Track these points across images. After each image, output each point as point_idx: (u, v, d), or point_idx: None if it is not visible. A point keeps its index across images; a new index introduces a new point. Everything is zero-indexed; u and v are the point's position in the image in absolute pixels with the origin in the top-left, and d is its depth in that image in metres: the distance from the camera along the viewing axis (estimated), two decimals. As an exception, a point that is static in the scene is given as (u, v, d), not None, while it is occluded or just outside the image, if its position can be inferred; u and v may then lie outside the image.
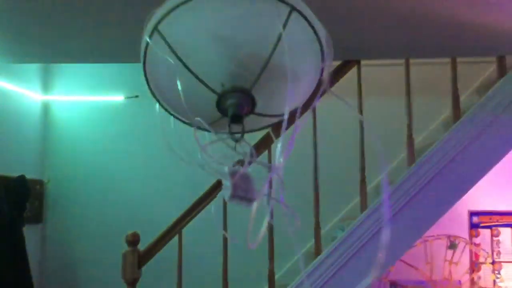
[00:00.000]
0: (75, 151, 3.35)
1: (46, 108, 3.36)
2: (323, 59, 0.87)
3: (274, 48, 0.78)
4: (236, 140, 0.86)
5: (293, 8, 0.79)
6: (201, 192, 2.58)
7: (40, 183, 3.26)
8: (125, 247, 2.51)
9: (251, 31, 0.79)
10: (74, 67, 3.32)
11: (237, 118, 0.85)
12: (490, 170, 2.48)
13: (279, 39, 0.79)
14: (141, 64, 0.91)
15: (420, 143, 2.87)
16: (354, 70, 2.57)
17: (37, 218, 3.22)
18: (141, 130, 3.35)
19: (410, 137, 2.53)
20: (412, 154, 2.51)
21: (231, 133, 0.86)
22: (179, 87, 0.82)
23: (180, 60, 0.83)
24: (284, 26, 0.78)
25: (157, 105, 0.96)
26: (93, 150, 3.35)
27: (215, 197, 2.56)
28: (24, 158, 3.13)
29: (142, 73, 0.93)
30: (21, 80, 3.14)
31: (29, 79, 3.24)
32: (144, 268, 2.50)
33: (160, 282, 2.81)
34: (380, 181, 3.01)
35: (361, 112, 2.54)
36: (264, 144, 2.39)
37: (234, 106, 0.85)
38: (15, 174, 2.81)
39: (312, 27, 0.83)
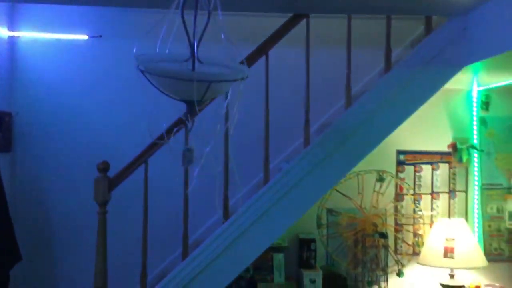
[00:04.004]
0: (42, 85, 3.53)
1: (12, 44, 3.49)
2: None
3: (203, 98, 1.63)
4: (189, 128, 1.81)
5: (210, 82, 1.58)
6: (161, 128, 2.88)
7: (8, 115, 3.45)
8: (91, 175, 2.82)
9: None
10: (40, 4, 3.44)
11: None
12: (412, 114, 2.93)
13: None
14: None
15: (359, 91, 3.27)
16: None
17: (6, 147, 3.45)
18: (105, 67, 3.58)
19: (348, 86, 2.92)
20: (349, 100, 2.92)
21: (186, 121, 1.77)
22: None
23: (155, 87, 1.66)
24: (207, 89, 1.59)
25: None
26: (60, 85, 3.54)
27: (175, 133, 2.90)
28: (-7, 92, 3.31)
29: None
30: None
31: (-6, 15, 3.36)
32: (114, 193, 2.84)
33: (128, 205, 3.15)
34: (323, 121, 3.42)
35: (308, 62, 2.89)
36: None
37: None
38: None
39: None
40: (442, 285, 3.54)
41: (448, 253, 3.46)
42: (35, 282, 3.50)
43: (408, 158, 3.84)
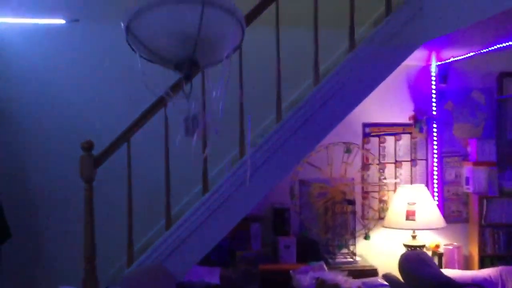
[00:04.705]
0: (22, 70, 3.62)
1: (-10, 29, 3.57)
2: (242, 29, 1.50)
3: (198, 34, 1.36)
4: (187, 96, 1.60)
5: (203, 3, 1.32)
6: (140, 109, 3.05)
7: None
8: (76, 153, 2.96)
9: (183, 24, 1.36)
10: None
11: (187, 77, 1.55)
12: (375, 89, 3.16)
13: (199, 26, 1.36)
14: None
15: (326, 69, 3.48)
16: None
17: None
18: (83, 53, 3.69)
19: (316, 64, 3.14)
20: (317, 78, 3.14)
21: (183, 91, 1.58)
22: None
23: (146, 47, 1.45)
24: (201, 15, 1.32)
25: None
26: (40, 70, 3.63)
27: (156, 112, 3.07)
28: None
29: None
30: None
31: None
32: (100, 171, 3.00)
33: (113, 180, 3.31)
34: (293, 98, 3.63)
35: (278, 42, 3.08)
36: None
37: (184, 71, 1.53)
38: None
39: (227, 9, 1.40)
40: (405, 245, 3.87)
41: (409, 216, 3.77)
42: (23, 257, 3.65)
43: (373, 130, 4.12)
